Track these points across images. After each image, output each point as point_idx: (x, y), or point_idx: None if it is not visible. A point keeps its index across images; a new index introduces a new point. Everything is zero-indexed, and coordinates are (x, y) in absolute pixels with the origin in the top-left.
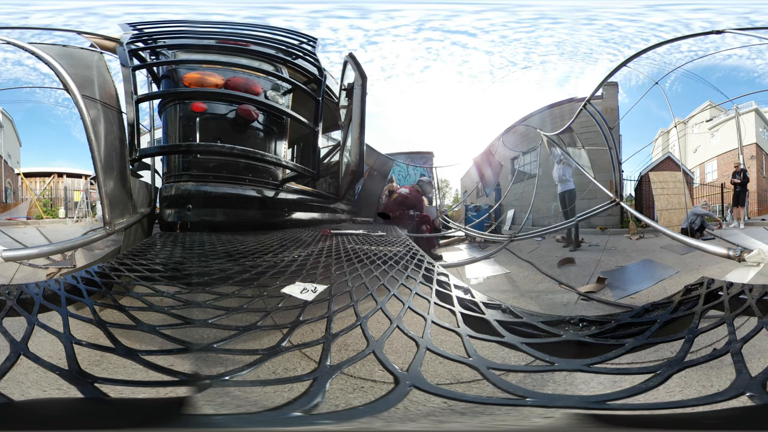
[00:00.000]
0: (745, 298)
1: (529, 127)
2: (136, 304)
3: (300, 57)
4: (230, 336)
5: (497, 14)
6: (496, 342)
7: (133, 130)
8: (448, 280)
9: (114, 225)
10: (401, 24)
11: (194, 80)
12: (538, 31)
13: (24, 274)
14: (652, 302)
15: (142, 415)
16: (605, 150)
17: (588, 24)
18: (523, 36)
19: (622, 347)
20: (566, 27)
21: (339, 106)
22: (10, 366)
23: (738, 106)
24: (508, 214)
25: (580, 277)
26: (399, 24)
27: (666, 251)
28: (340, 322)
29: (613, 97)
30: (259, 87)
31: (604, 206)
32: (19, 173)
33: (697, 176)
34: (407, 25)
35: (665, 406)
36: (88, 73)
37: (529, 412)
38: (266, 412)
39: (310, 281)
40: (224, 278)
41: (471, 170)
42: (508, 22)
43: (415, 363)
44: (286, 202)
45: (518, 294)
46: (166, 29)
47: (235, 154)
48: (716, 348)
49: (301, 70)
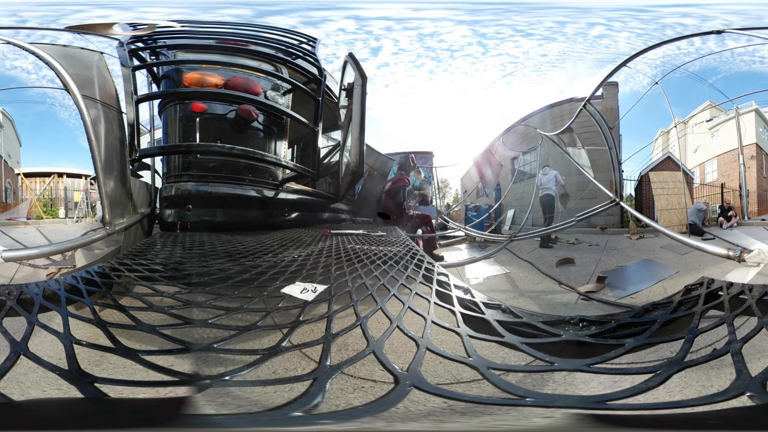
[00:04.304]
0: (745, 298)
1: (529, 127)
2: (136, 304)
3: (300, 57)
4: (230, 336)
5: (498, 14)
6: (496, 342)
7: (133, 130)
8: (448, 280)
9: (114, 225)
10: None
11: (194, 80)
12: (538, 31)
13: (24, 274)
14: (652, 302)
15: (142, 415)
16: (605, 150)
17: (588, 24)
18: (523, 36)
19: (622, 347)
20: (566, 27)
21: (339, 106)
22: (10, 366)
23: (738, 106)
24: (508, 214)
25: (580, 277)
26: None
27: (666, 251)
28: (340, 322)
29: (613, 97)
30: (259, 87)
31: (604, 206)
32: (19, 173)
33: (697, 176)
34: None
35: (665, 406)
36: (88, 73)
37: (529, 412)
38: (266, 412)
39: (310, 281)
40: (224, 278)
41: (471, 170)
42: (509, 22)
43: (415, 363)
44: (286, 202)
45: (518, 294)
46: (166, 29)
47: (235, 154)
48: (716, 348)
49: (301, 70)
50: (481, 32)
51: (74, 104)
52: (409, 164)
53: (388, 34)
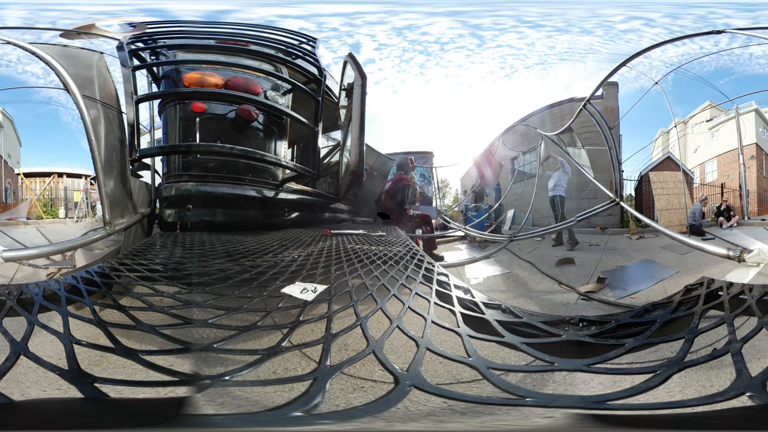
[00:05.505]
0: (745, 298)
1: (529, 127)
2: (136, 304)
3: (300, 57)
4: (230, 336)
5: (498, 14)
6: (496, 342)
7: (133, 131)
8: (448, 280)
9: (114, 225)
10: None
11: (194, 80)
12: (538, 31)
13: (24, 274)
14: (652, 302)
15: (142, 415)
16: (605, 150)
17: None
18: (523, 36)
19: (622, 347)
20: (566, 26)
21: (339, 106)
22: (10, 366)
23: (738, 106)
24: (508, 214)
25: (580, 277)
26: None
27: (666, 251)
28: (340, 322)
29: (613, 97)
30: (259, 87)
31: (604, 206)
32: (19, 173)
33: (697, 176)
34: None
35: (665, 406)
36: (88, 73)
37: (529, 412)
38: (266, 412)
39: (310, 281)
40: (224, 278)
41: (471, 170)
42: (509, 22)
43: (415, 363)
44: (286, 202)
45: (518, 294)
46: (166, 29)
47: (235, 154)
48: (716, 348)
49: (301, 70)
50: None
51: (74, 104)
52: (408, 165)
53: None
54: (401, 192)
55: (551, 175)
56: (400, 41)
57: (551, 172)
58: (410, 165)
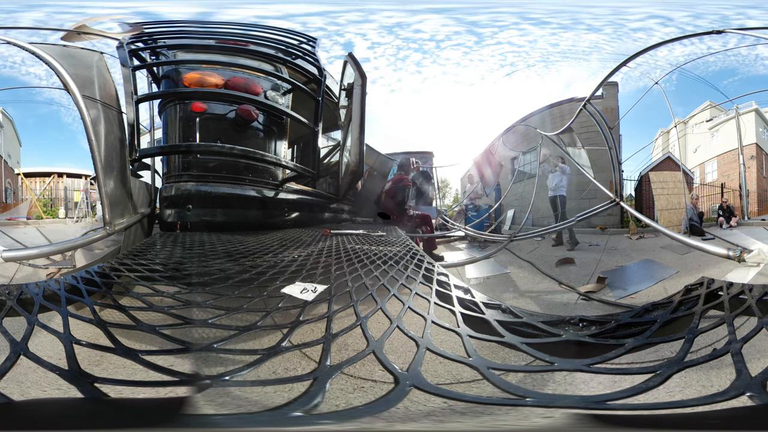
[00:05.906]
0: (745, 298)
1: (529, 127)
2: (136, 304)
3: (300, 57)
4: (230, 336)
5: (498, 14)
6: (496, 342)
7: (133, 131)
8: (448, 280)
9: (114, 225)
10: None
11: (194, 80)
12: (538, 31)
13: (24, 274)
14: (652, 302)
15: (142, 415)
16: (605, 150)
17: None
18: (524, 35)
19: (622, 347)
20: (567, 26)
21: (339, 106)
22: (10, 366)
23: (738, 106)
24: (508, 214)
25: (580, 277)
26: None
27: (666, 251)
28: (340, 322)
29: (613, 97)
30: (259, 87)
31: (604, 206)
32: (19, 173)
33: (697, 176)
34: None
35: (665, 406)
36: (88, 73)
37: (529, 412)
38: (266, 412)
39: (310, 281)
40: (224, 278)
41: (471, 170)
42: (510, 22)
43: (415, 363)
44: (286, 202)
45: (518, 294)
46: (166, 29)
47: (235, 154)
48: (716, 348)
49: (301, 70)
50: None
51: (74, 104)
52: (409, 165)
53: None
54: (401, 192)
55: (551, 174)
56: (393, 39)
57: (552, 172)
58: (413, 166)
